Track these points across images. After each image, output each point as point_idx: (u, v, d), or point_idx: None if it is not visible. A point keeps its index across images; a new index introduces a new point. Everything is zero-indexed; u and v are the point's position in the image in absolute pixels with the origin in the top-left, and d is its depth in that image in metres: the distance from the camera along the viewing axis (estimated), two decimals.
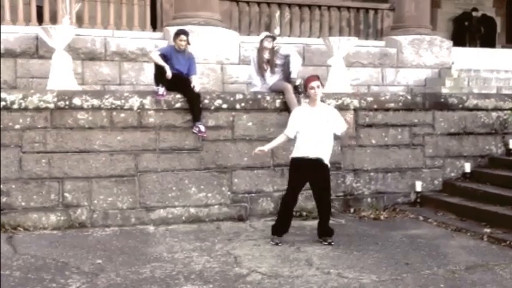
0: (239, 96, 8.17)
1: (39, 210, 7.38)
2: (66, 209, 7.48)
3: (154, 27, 11.05)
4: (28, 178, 7.36)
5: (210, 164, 7.97)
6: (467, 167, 8.99)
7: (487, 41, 15.27)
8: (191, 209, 7.89)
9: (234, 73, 10.50)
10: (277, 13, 11.80)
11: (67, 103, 7.46)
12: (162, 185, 7.80)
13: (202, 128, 7.75)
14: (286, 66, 8.40)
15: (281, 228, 6.84)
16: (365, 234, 7.28)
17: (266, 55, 8.39)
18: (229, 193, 8.04)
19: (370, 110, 8.68)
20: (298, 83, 8.09)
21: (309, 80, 6.78)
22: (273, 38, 8.40)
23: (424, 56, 11.99)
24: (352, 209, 8.51)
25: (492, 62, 12.34)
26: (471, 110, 9.23)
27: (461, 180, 9.01)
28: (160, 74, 7.75)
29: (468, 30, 15.51)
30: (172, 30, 9.01)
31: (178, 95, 7.83)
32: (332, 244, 6.69)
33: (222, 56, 10.34)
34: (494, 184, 8.41)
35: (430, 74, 11.99)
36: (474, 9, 15.59)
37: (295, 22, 11.90)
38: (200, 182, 7.93)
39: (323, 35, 11.55)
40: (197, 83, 7.92)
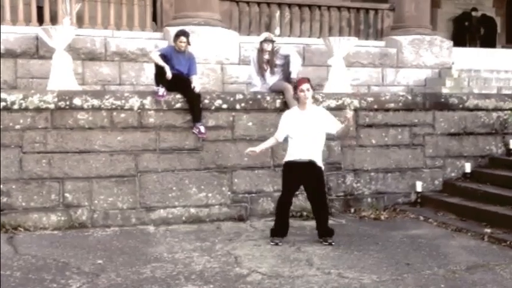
0: (239, 96, 8.17)
1: (39, 210, 7.38)
2: (66, 209, 7.48)
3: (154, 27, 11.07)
4: (28, 178, 7.36)
5: (210, 164, 7.97)
6: (467, 167, 8.99)
7: (487, 41, 15.27)
8: (191, 209, 7.90)
9: (234, 73, 10.50)
10: (277, 13, 11.80)
11: (67, 103, 7.46)
12: (163, 185, 7.80)
13: (202, 129, 7.75)
14: (286, 66, 8.41)
15: (280, 230, 6.84)
16: (365, 234, 7.28)
17: (266, 55, 8.39)
18: (229, 193, 8.05)
19: (370, 110, 8.68)
20: None
21: (299, 83, 6.80)
22: (272, 42, 8.38)
23: (424, 56, 11.99)
24: (352, 209, 8.51)
25: (492, 62, 12.34)
26: (471, 110, 9.23)
27: (461, 180, 9.01)
28: (160, 75, 7.75)
29: (468, 30, 15.51)
30: (172, 30, 9.02)
31: (178, 95, 7.83)
32: (332, 244, 6.69)
33: (222, 56, 10.35)
34: (494, 184, 8.41)
35: (430, 74, 11.99)
36: (474, 9, 15.60)
37: (295, 22, 11.90)
38: (200, 182, 7.93)
39: (323, 35, 11.55)
40: (197, 83, 7.92)
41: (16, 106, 7.32)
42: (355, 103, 8.57)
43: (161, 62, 7.72)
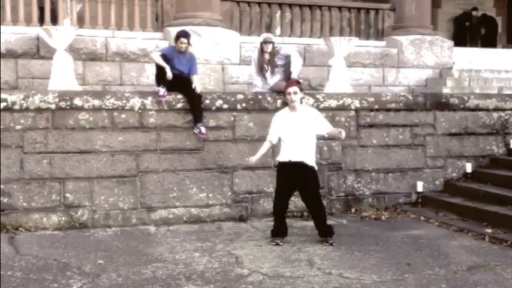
0: (240, 96, 8.17)
1: (40, 210, 7.39)
2: (67, 210, 7.48)
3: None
4: (29, 178, 7.36)
5: (211, 165, 7.97)
6: (468, 167, 8.99)
7: (488, 41, 15.28)
8: (192, 210, 7.90)
9: (235, 73, 10.51)
10: (278, 13, 11.81)
11: (68, 103, 7.46)
12: (163, 186, 7.80)
13: (203, 130, 7.75)
14: (287, 66, 8.41)
15: (280, 230, 6.85)
16: (366, 234, 7.28)
17: (266, 56, 8.39)
18: (230, 193, 8.05)
19: (371, 110, 8.68)
20: None
21: (286, 86, 6.89)
22: (272, 43, 8.38)
23: (425, 56, 12.00)
24: (353, 209, 8.51)
25: (493, 62, 12.36)
26: (472, 110, 9.23)
27: (462, 180, 9.01)
28: (161, 75, 7.75)
29: (469, 30, 15.51)
30: (173, 30, 9.03)
31: (179, 96, 7.83)
32: (333, 244, 6.68)
33: (223, 56, 10.35)
34: (495, 184, 8.41)
35: (431, 74, 11.99)
36: (474, 8, 15.59)
37: (296, 22, 11.90)
38: (201, 183, 7.93)
39: (324, 35, 11.55)
40: (198, 84, 7.92)
41: (17, 106, 7.32)
42: (355, 103, 8.56)
43: (162, 62, 7.72)
